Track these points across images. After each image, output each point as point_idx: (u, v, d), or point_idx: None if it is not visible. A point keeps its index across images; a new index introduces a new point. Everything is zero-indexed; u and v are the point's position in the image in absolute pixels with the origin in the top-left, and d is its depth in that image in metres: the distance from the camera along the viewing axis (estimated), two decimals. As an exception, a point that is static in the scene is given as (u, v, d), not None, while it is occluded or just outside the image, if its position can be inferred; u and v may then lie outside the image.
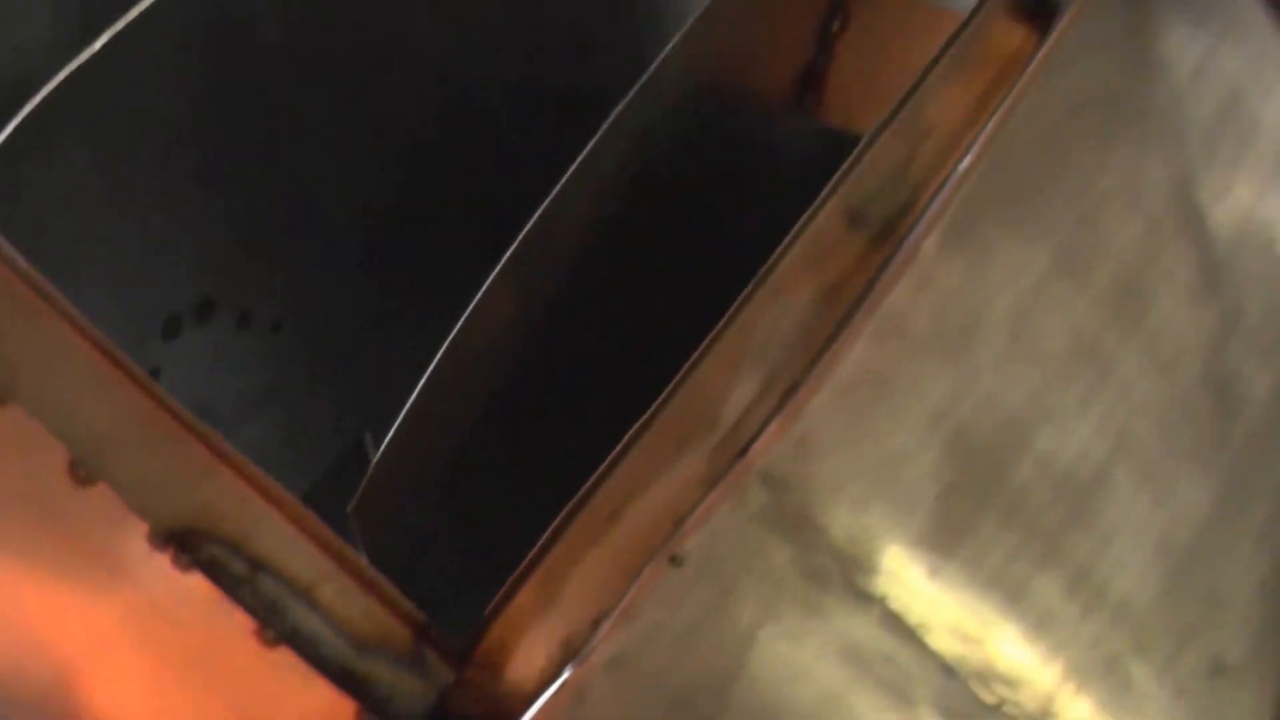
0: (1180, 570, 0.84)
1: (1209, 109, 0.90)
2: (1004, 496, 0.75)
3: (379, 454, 0.66)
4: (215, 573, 0.59)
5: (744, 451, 0.66)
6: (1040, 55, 0.79)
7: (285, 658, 0.59)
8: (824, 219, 0.73)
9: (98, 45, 0.77)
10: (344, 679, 0.62)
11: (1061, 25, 0.81)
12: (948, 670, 0.73)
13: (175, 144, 0.86)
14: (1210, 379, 0.87)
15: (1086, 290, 0.79)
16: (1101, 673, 0.80)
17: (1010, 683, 0.76)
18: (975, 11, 0.82)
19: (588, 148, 0.68)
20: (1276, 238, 0.95)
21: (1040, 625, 0.77)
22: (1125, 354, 0.82)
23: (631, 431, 0.67)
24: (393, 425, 0.73)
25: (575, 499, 0.66)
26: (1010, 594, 0.75)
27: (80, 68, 0.77)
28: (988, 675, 0.75)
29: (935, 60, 0.79)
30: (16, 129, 0.75)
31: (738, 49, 0.81)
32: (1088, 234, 0.80)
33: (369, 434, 0.83)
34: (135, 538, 0.58)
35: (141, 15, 0.79)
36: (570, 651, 0.64)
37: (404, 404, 0.73)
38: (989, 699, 0.75)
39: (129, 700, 0.61)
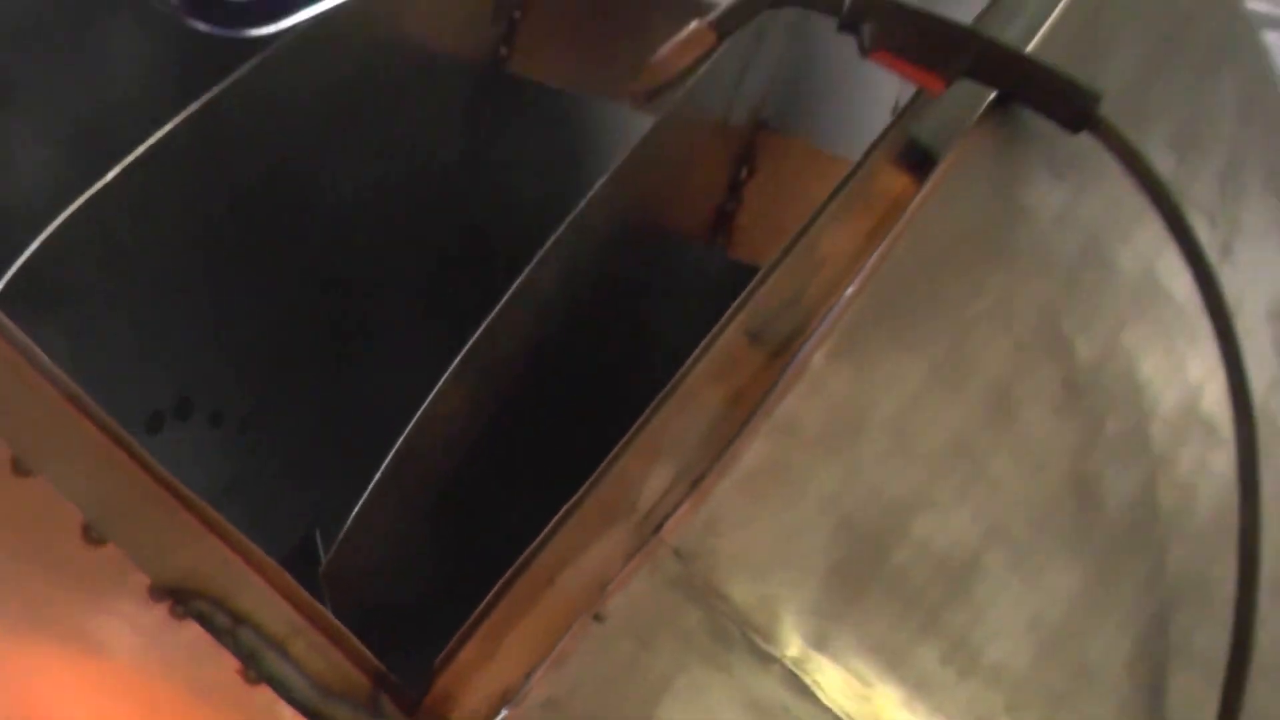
0: (1050, 643, 0.96)
1: (1072, 249, 1.04)
2: (886, 573, 0.87)
3: (350, 520, 0.77)
4: (203, 624, 0.71)
5: (658, 529, 0.78)
6: (918, 199, 0.94)
7: (266, 695, 0.70)
8: (728, 337, 0.87)
9: (99, 185, 0.91)
10: (312, 718, 0.72)
11: (936, 174, 0.96)
12: (841, 721, 0.84)
13: (165, 269, 0.99)
14: (1075, 480, 1.00)
15: (960, 399, 0.93)
16: (978, 730, 0.91)
17: (897, 737, 0.87)
18: (863, 161, 0.97)
19: (524, 273, 0.82)
20: (1135, 362, 1.09)
21: (920, 687, 0.88)
22: (996, 455, 0.95)
23: (562, 511, 0.79)
24: (343, 524, 0.84)
25: (513, 568, 0.78)
26: (892, 658, 0.87)
27: (88, 201, 0.91)
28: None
29: (827, 202, 0.94)
30: (35, 253, 0.88)
31: (656, 190, 0.95)
32: (961, 351, 0.93)
33: (318, 531, 0.94)
34: (138, 590, 0.69)
35: (136, 163, 0.92)
36: (507, 699, 0.75)
37: (353, 506, 0.85)
38: (879, 750, 0.86)
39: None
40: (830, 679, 0.83)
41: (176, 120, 0.89)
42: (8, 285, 0.82)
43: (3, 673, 0.71)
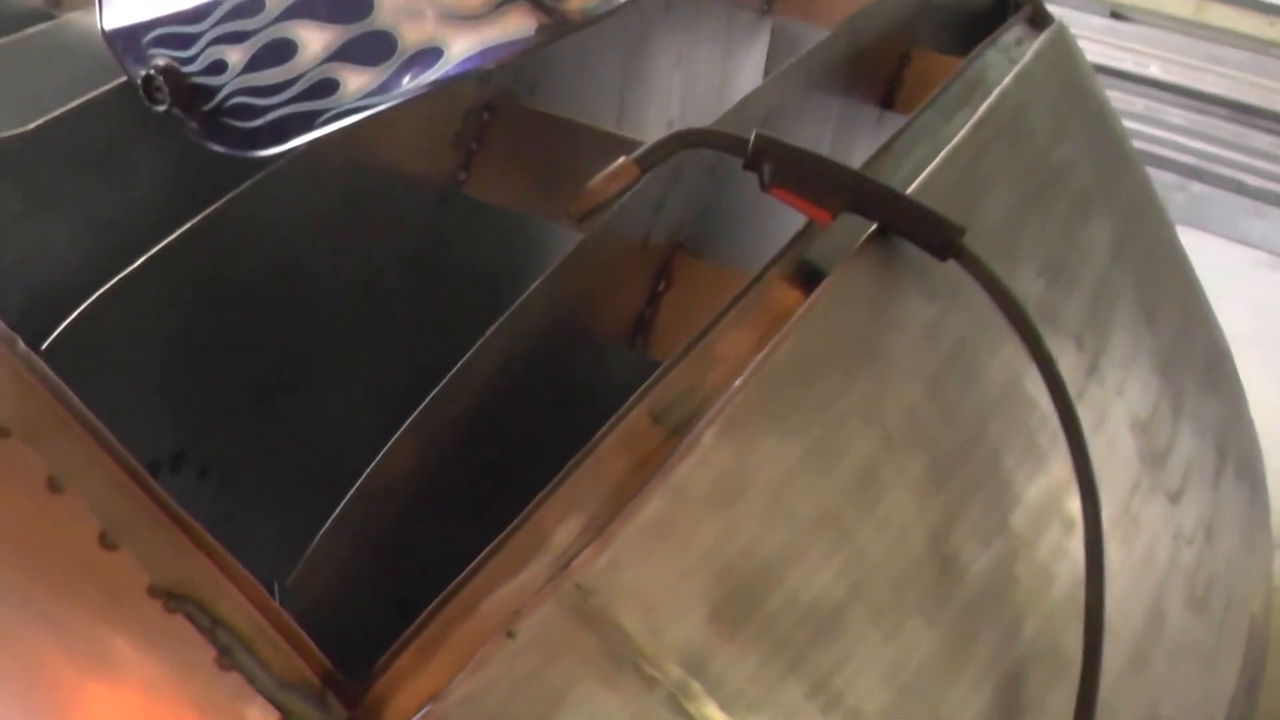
0: (907, 692, 1.12)
1: (938, 357, 1.23)
2: (759, 617, 1.03)
3: (312, 544, 0.94)
4: (190, 621, 0.88)
5: (565, 565, 0.95)
6: (801, 310, 1.13)
7: (236, 680, 0.87)
8: (635, 416, 1.05)
9: (122, 274, 1.09)
10: (275, 705, 0.89)
11: (819, 290, 1.15)
12: (715, 745, 1.00)
13: (174, 344, 1.18)
14: (936, 552, 1.17)
15: (830, 477, 1.10)
16: (837, 762, 1.06)
17: (767, 760, 1.02)
18: (759, 276, 1.16)
19: (469, 354, 1.00)
20: (998, 456, 1.26)
21: (788, 716, 1.04)
22: (861, 525, 1.12)
23: (487, 550, 0.96)
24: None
25: (443, 595, 0.94)
26: (762, 691, 1.02)
27: (112, 287, 1.09)
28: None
29: (727, 309, 1.13)
30: (64, 332, 1.06)
31: (585, 294, 1.14)
32: (833, 437, 1.11)
33: (277, 583, 1.08)
34: (140, 588, 0.86)
35: (153, 258, 1.11)
36: (432, 699, 0.91)
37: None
38: (752, 770, 1.01)
39: (127, 692, 0.87)
40: (706, 705, 0.99)
41: (191, 223, 1.09)
42: (49, 348, 1.00)
43: (28, 645, 0.88)
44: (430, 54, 1.11)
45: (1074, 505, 1.23)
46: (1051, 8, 1.70)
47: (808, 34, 1.69)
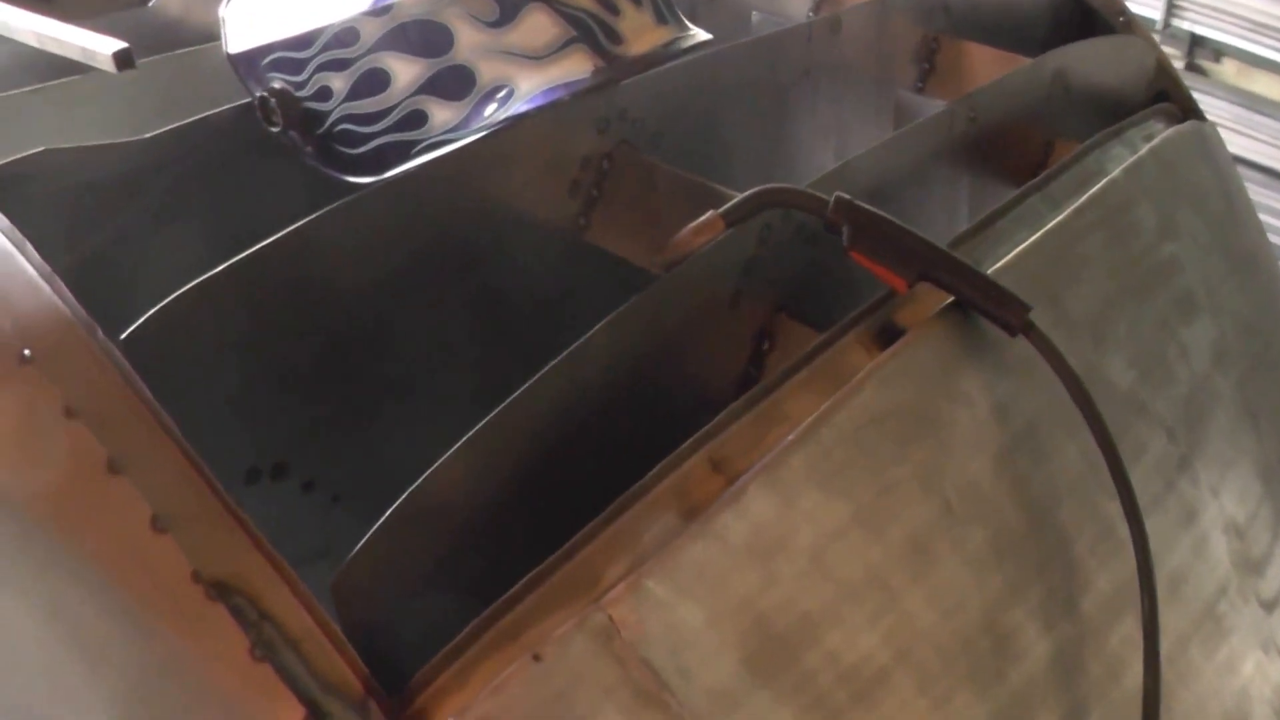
0: (954, 763, 1.11)
1: (1009, 433, 1.22)
2: (794, 673, 1.04)
3: (356, 549, 0.99)
4: (235, 615, 0.93)
5: (598, 600, 0.98)
6: (862, 374, 1.14)
7: (267, 672, 0.91)
8: (694, 462, 1.08)
9: (212, 272, 1.15)
10: (310, 706, 0.93)
11: (882, 357, 1.17)
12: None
13: (275, 349, 1.24)
14: (992, 628, 1.16)
15: (879, 541, 1.11)
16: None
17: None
18: (832, 338, 1.17)
19: (526, 385, 1.05)
20: (1069, 541, 1.25)
21: (820, 778, 1.04)
22: (912, 593, 1.12)
23: (530, 577, 1.00)
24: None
25: (483, 618, 0.98)
26: (794, 747, 1.03)
27: (200, 283, 1.15)
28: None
29: (799, 366, 1.15)
30: (148, 327, 1.12)
31: (658, 339, 1.18)
32: (883, 503, 1.12)
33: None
34: (184, 573, 0.91)
35: (244, 260, 1.17)
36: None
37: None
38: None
39: (161, 672, 0.92)
40: (735, 753, 1.00)
41: (281, 234, 1.16)
42: (128, 339, 1.07)
43: (76, 613, 0.94)
44: (503, 91, 1.18)
45: (1151, 600, 1.20)
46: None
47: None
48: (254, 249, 1.11)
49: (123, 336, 1.04)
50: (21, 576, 0.95)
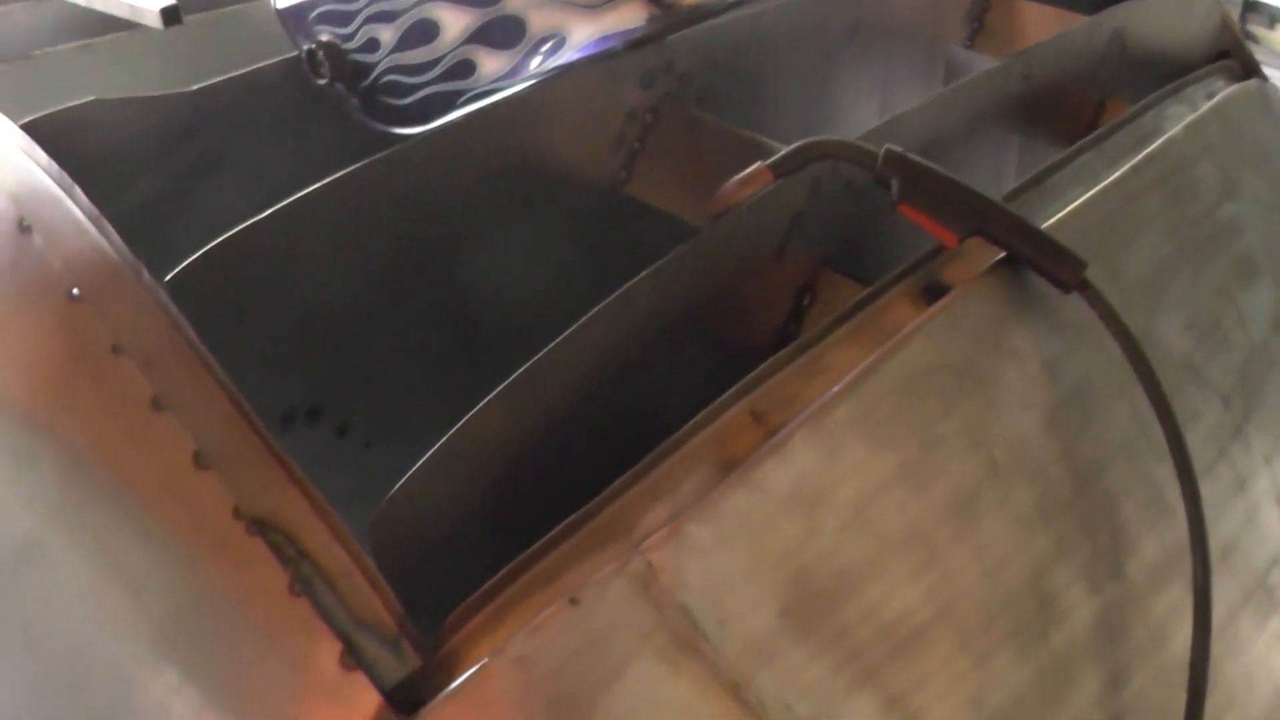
0: (992, 720, 1.09)
1: (1059, 392, 1.20)
2: (832, 626, 1.02)
3: (396, 488, 0.99)
4: (274, 551, 0.93)
5: (638, 545, 0.97)
6: (910, 327, 1.12)
7: (305, 606, 0.91)
8: (734, 413, 1.07)
9: (253, 220, 1.16)
10: (345, 642, 0.93)
11: (931, 311, 1.15)
12: (778, 745, 0.99)
13: (309, 295, 1.24)
14: (1036, 588, 1.14)
15: (923, 497, 1.09)
16: (909, 784, 1.04)
17: (828, 772, 1.01)
18: (878, 291, 1.16)
19: (566, 332, 1.04)
20: (1117, 503, 1.22)
21: (857, 726, 1.03)
22: (954, 550, 1.10)
23: (566, 523, 0.99)
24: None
25: (520, 561, 0.97)
26: (831, 697, 1.01)
27: (243, 230, 1.16)
28: (811, 764, 1.00)
29: (842, 320, 1.13)
30: (191, 270, 1.13)
31: (701, 290, 1.16)
32: (929, 458, 1.10)
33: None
34: (226, 510, 0.92)
35: (285, 207, 1.17)
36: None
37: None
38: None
39: (202, 606, 0.93)
40: (769, 703, 0.99)
41: (324, 181, 1.16)
42: (173, 281, 1.08)
43: (119, 547, 0.94)
44: (555, 40, 1.16)
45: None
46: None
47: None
48: (298, 195, 1.11)
49: (168, 278, 1.05)
50: (66, 508, 0.95)
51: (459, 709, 0.91)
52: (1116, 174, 1.35)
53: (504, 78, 1.20)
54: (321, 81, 1.27)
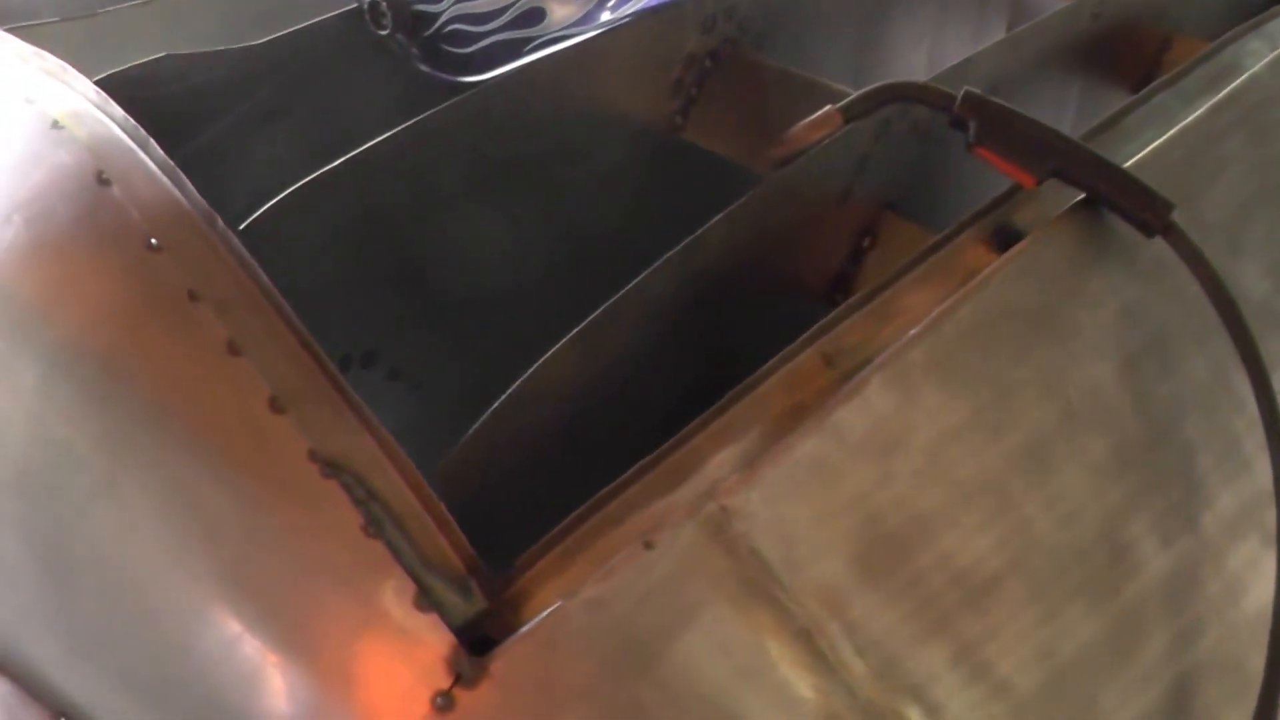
0: (1062, 675, 1.08)
1: (1137, 339, 1.18)
2: (905, 572, 1.01)
3: (468, 434, 0.98)
4: (346, 491, 0.92)
5: (710, 489, 0.96)
6: (987, 270, 1.10)
7: (379, 548, 0.91)
8: (806, 356, 1.05)
9: (322, 170, 1.16)
10: (417, 582, 0.92)
11: (1009, 254, 1.12)
12: (848, 689, 0.99)
13: (366, 247, 1.24)
14: (1108, 540, 1.12)
15: (997, 444, 1.07)
16: (979, 732, 1.03)
17: (901, 718, 1.00)
18: (952, 234, 1.14)
19: (642, 275, 1.03)
20: (1193, 454, 1.20)
21: (928, 680, 1.01)
22: (1028, 499, 1.09)
23: (637, 466, 0.98)
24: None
25: (589, 504, 0.97)
26: (902, 646, 1.01)
27: (311, 182, 1.15)
28: (881, 708, 1.00)
29: (915, 262, 1.11)
30: (263, 218, 1.13)
31: (770, 234, 1.15)
32: (1004, 404, 1.08)
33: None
34: (301, 451, 0.92)
35: (352, 160, 1.16)
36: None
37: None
38: (879, 727, 1.00)
39: (275, 546, 0.93)
40: (841, 648, 0.98)
41: (389, 134, 1.16)
42: (246, 229, 1.08)
43: (196, 492, 0.94)
44: None
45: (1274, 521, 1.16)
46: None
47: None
48: (368, 145, 1.10)
49: (242, 226, 1.05)
50: (140, 449, 0.95)
51: (531, 650, 0.91)
52: (1196, 114, 1.31)
53: (576, 24, 1.18)
54: (383, 32, 1.26)
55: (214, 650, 0.95)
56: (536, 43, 1.19)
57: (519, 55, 1.20)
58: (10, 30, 1.12)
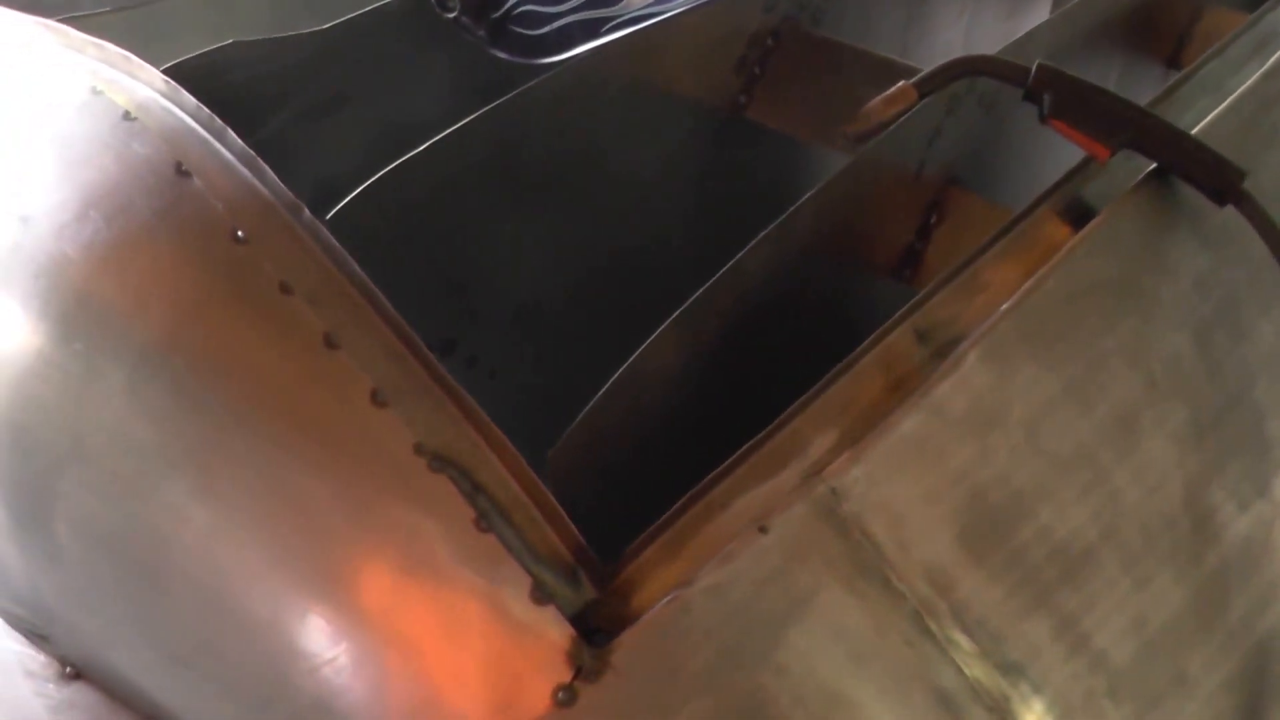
0: (1153, 645, 1.08)
1: (1207, 310, 1.18)
2: (1009, 547, 1.01)
3: (576, 421, 0.97)
4: (454, 484, 0.90)
5: (819, 471, 0.95)
6: (1069, 245, 1.10)
7: (493, 542, 0.90)
8: (899, 333, 1.04)
9: (401, 160, 1.14)
10: (532, 575, 0.91)
11: (1089, 227, 1.12)
12: (957, 668, 0.99)
13: (443, 237, 1.22)
14: (1191, 507, 1.13)
15: (1089, 415, 1.07)
16: (1081, 703, 1.03)
17: (1006, 695, 1.00)
18: (1030, 209, 1.13)
19: (736, 257, 1.01)
20: (1264, 419, 1.21)
21: (1032, 654, 1.01)
22: (1118, 469, 1.09)
23: (741, 451, 0.97)
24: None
25: (696, 489, 0.95)
26: (1007, 622, 1.01)
27: (392, 170, 1.13)
28: (989, 685, 1.00)
29: (996, 239, 1.11)
30: (348, 207, 1.11)
31: (853, 216, 1.14)
32: (1093, 376, 1.08)
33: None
34: (407, 445, 0.89)
35: (431, 146, 1.14)
36: (679, 587, 0.92)
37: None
38: (986, 700, 1.00)
39: (388, 543, 0.91)
40: (950, 627, 0.98)
41: (468, 119, 1.13)
42: (333, 219, 1.06)
43: (298, 492, 0.92)
44: None
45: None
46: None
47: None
48: (451, 130, 1.08)
49: (329, 216, 1.02)
50: (239, 450, 0.92)
51: (651, 640, 0.90)
52: (1249, 82, 1.31)
53: (654, 4, 1.16)
54: (449, 15, 1.23)
55: (321, 653, 0.92)
56: (615, 22, 1.17)
57: (596, 35, 1.18)
58: (64, 20, 1.08)
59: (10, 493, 1.01)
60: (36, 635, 1.05)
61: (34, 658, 1.05)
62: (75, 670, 1.04)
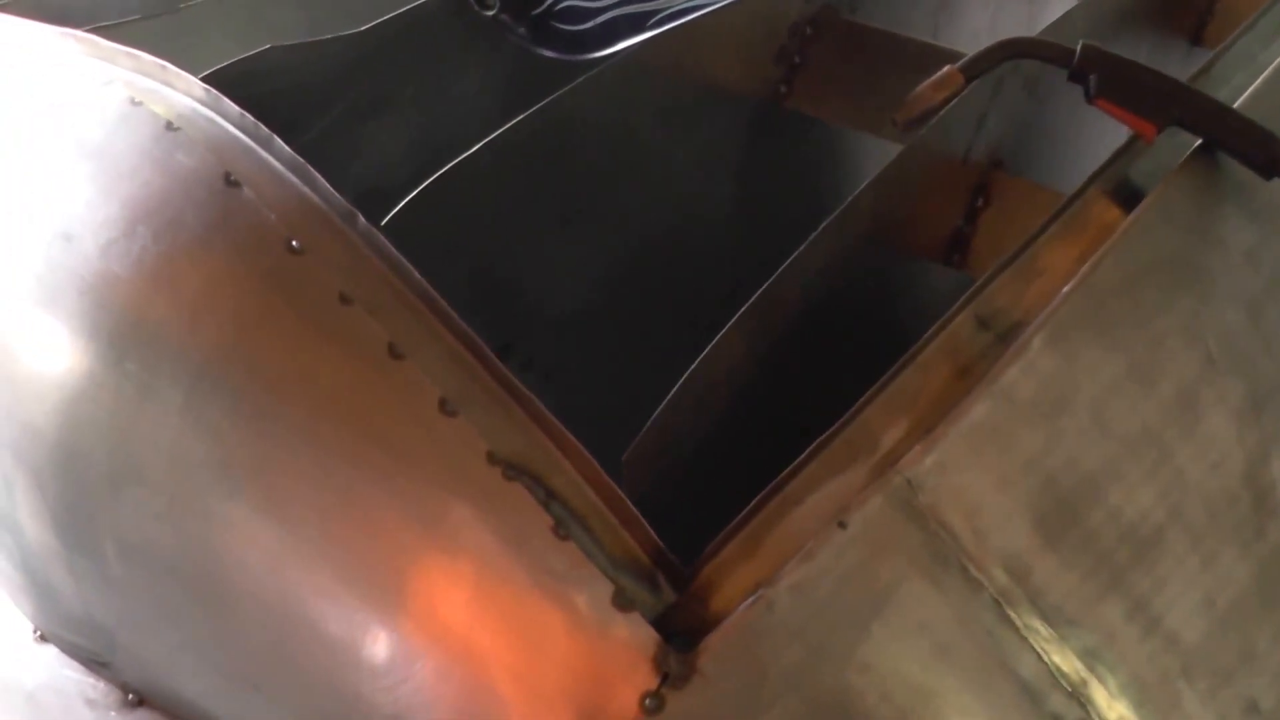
0: (1222, 623, 1.08)
1: (1258, 283, 1.18)
2: (1081, 530, 1.00)
3: (649, 423, 0.95)
4: (529, 492, 0.88)
5: (893, 463, 0.94)
6: (1124, 225, 1.09)
7: (572, 549, 0.88)
8: (961, 320, 1.03)
9: (452, 164, 1.11)
10: (613, 582, 0.89)
11: (1142, 206, 1.11)
12: (1036, 655, 0.98)
13: (498, 238, 1.20)
14: (1252, 482, 1.12)
15: (1152, 395, 1.07)
16: (1156, 684, 1.03)
17: (1084, 679, 1.00)
18: (1080, 191, 1.12)
19: (797, 251, 1.00)
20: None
21: (1108, 637, 1.01)
22: (1181, 447, 1.08)
23: (813, 446, 0.95)
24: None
25: (770, 487, 0.94)
26: (1083, 606, 1.00)
27: (444, 173, 1.11)
28: (1067, 671, 0.99)
29: (1049, 223, 1.10)
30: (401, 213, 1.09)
31: (904, 203, 1.13)
32: (1154, 355, 1.07)
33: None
34: (479, 454, 0.87)
35: (480, 150, 1.12)
36: (760, 587, 0.90)
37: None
38: (1066, 686, 0.99)
39: (462, 555, 0.89)
40: (1028, 614, 0.97)
41: (517, 119, 1.11)
42: (387, 225, 1.04)
43: (367, 506, 0.89)
44: None
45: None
46: None
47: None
48: (496, 133, 1.06)
49: (384, 222, 0.99)
50: (303, 465, 0.90)
51: (737, 642, 0.89)
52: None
53: None
54: (489, 13, 1.21)
55: (398, 671, 0.91)
56: (661, 15, 1.15)
57: (642, 29, 1.16)
58: (93, 30, 1.05)
59: (62, 517, 0.99)
60: (96, 662, 1.02)
61: (94, 685, 1.02)
62: (138, 697, 1.01)
